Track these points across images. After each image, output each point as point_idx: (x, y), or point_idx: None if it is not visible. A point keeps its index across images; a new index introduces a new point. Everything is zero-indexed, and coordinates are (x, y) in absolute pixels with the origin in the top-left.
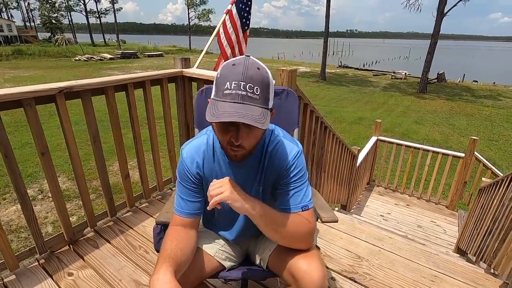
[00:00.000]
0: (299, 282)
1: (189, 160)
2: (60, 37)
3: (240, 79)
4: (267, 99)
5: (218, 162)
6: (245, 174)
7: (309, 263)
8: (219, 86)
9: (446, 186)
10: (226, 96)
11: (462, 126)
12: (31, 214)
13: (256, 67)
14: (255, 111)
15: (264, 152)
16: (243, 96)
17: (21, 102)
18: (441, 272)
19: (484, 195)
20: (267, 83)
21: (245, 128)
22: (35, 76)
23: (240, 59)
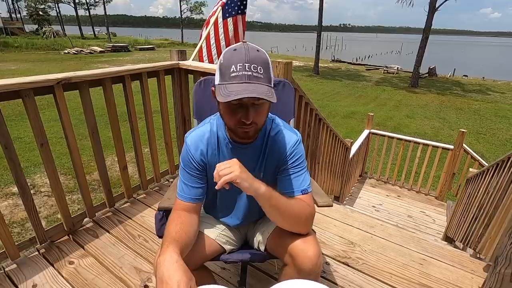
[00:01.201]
0: (295, 260)
1: (193, 147)
2: (48, 29)
3: (245, 61)
4: (270, 79)
5: (222, 149)
6: (248, 160)
7: (305, 242)
8: (224, 71)
9: (435, 177)
10: (233, 78)
11: (452, 120)
12: (31, 204)
13: (256, 49)
14: (263, 88)
15: (265, 140)
16: (249, 76)
17: (19, 93)
18: (429, 256)
19: (471, 185)
20: (268, 64)
21: (253, 107)
22: (22, 70)
23: (239, 44)
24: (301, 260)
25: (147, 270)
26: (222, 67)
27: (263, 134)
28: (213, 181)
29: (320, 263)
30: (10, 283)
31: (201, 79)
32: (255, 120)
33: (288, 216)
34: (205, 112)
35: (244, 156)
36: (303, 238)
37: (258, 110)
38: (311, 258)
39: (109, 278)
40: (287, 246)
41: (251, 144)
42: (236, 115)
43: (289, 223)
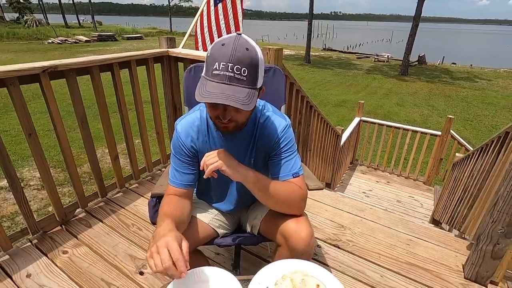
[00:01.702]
0: (288, 240)
1: (184, 134)
2: (29, 18)
3: (228, 61)
4: (255, 79)
5: (212, 136)
6: (238, 146)
7: (297, 223)
8: (208, 66)
9: (423, 163)
10: (214, 77)
11: (440, 107)
12: (21, 195)
13: (245, 47)
14: (241, 93)
15: (255, 126)
16: (230, 78)
17: (4, 81)
18: (416, 236)
19: (457, 169)
20: (256, 64)
21: (232, 108)
22: (5, 60)
23: (230, 38)
24: (294, 240)
25: (142, 257)
26: (208, 60)
27: (253, 121)
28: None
29: (313, 243)
30: (3, 274)
31: (191, 65)
32: (234, 118)
33: (278, 199)
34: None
35: (234, 143)
36: (296, 219)
37: (237, 112)
38: (304, 239)
39: (103, 265)
40: (281, 227)
41: (240, 132)
42: (215, 110)
43: (280, 205)
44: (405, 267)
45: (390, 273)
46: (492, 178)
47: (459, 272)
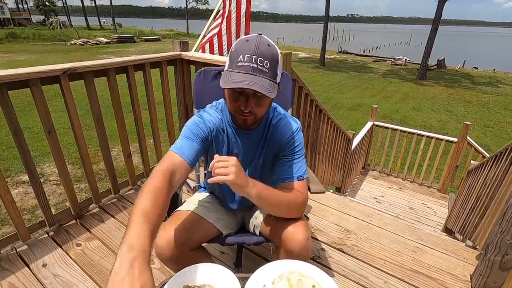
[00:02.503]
0: (285, 243)
1: (205, 118)
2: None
3: (252, 53)
4: (275, 74)
5: (228, 131)
6: (250, 144)
7: (295, 226)
8: (233, 59)
9: (438, 170)
10: (239, 68)
11: (459, 113)
12: (40, 189)
13: (267, 44)
14: (264, 82)
15: (267, 126)
16: (254, 68)
17: (28, 82)
18: (423, 244)
19: (471, 177)
20: (276, 59)
21: (253, 98)
22: (30, 61)
23: (253, 36)
24: (290, 243)
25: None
26: (232, 54)
27: (265, 122)
28: None
29: (309, 246)
30: (21, 262)
31: (201, 69)
32: (254, 110)
33: (280, 207)
34: (204, 101)
35: (246, 142)
36: (294, 222)
37: (259, 102)
38: (300, 242)
39: (113, 259)
40: (279, 230)
41: (253, 130)
42: (237, 102)
43: (280, 212)
44: (410, 274)
45: (394, 280)
46: (503, 187)
47: (466, 282)
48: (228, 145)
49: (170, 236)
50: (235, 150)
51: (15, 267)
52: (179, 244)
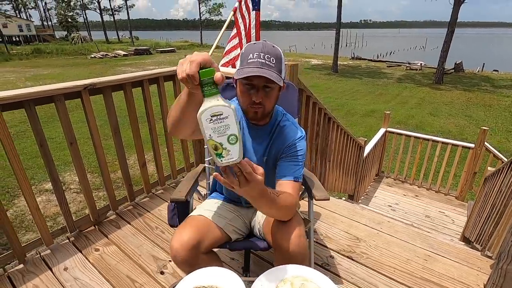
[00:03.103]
0: (279, 243)
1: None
2: (76, 35)
3: (260, 51)
4: (280, 70)
5: (242, 124)
6: (258, 139)
7: (286, 225)
8: (243, 58)
9: (456, 177)
10: (249, 64)
11: (479, 118)
12: (62, 197)
13: (272, 45)
14: (272, 73)
15: (275, 126)
16: (262, 63)
17: (52, 98)
18: (434, 252)
19: (488, 184)
20: (280, 58)
21: (263, 90)
22: (53, 74)
23: (259, 41)
24: (284, 242)
25: (163, 258)
26: (242, 55)
27: (273, 122)
28: None
29: (303, 244)
30: (45, 266)
31: None
32: (264, 101)
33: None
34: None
35: (256, 136)
36: (288, 225)
37: (268, 93)
38: (292, 240)
39: (129, 264)
40: (274, 231)
41: (262, 126)
42: (248, 95)
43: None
44: (420, 283)
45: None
46: None
47: None
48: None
49: (183, 239)
50: (245, 141)
51: (40, 270)
52: (192, 247)
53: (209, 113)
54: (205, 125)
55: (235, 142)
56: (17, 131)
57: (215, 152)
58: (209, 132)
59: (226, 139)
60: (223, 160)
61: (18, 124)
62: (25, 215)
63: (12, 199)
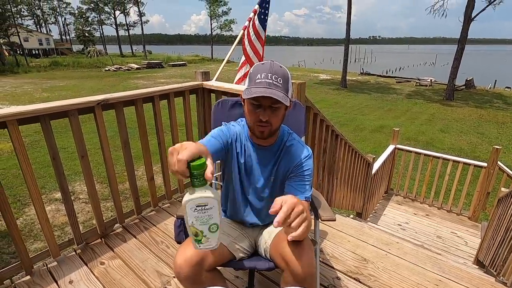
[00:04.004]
0: (289, 264)
1: (229, 125)
2: (92, 49)
3: (268, 72)
4: (287, 89)
5: (247, 146)
6: (265, 159)
7: (298, 247)
8: (252, 78)
9: (468, 196)
10: (257, 84)
11: (492, 135)
12: (71, 208)
13: (279, 66)
14: (279, 93)
15: (281, 147)
16: (269, 83)
17: (67, 112)
18: (446, 277)
19: (502, 205)
20: (287, 77)
21: (269, 109)
22: (69, 86)
23: (267, 61)
24: (294, 264)
25: (167, 274)
26: (251, 75)
27: (280, 142)
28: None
29: (313, 266)
30: (51, 278)
31: (220, 100)
32: (270, 120)
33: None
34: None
35: (262, 157)
36: (297, 244)
37: (274, 113)
38: (303, 262)
39: (133, 279)
40: (283, 252)
41: (269, 147)
42: (255, 114)
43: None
44: None
45: None
46: None
47: None
48: (245, 155)
49: (187, 256)
50: (251, 162)
51: (46, 282)
52: (196, 264)
53: (195, 203)
54: (189, 213)
55: (215, 231)
56: (31, 141)
57: (195, 238)
58: (192, 219)
59: (207, 228)
60: (201, 246)
61: (33, 134)
62: (34, 224)
63: (23, 207)
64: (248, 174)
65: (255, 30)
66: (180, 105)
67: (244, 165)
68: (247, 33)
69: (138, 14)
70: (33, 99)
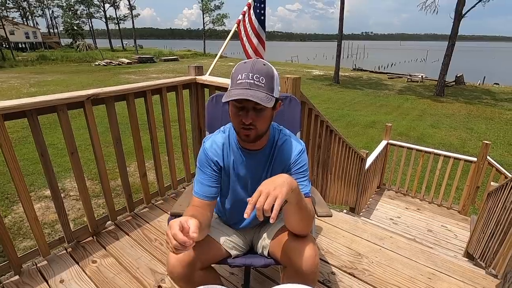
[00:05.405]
0: (293, 261)
1: (211, 150)
2: (81, 43)
3: (249, 71)
4: (271, 88)
5: (235, 155)
6: (257, 164)
7: (302, 243)
8: (233, 78)
9: (458, 190)
10: (238, 85)
11: (480, 130)
12: (61, 206)
13: (263, 63)
14: (261, 94)
15: (274, 147)
16: (251, 84)
17: (55, 107)
18: (439, 270)
19: (491, 199)
20: (271, 75)
21: (253, 111)
22: (57, 81)
23: (250, 59)
24: (299, 260)
25: (161, 272)
26: (232, 75)
27: (271, 143)
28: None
29: (317, 263)
30: (41, 278)
31: (213, 95)
32: (254, 122)
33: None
34: (216, 125)
35: (253, 162)
36: (302, 240)
37: (258, 114)
38: (308, 258)
39: (126, 277)
40: (286, 248)
41: (260, 151)
42: (239, 116)
43: (301, 223)
44: None
45: None
46: None
47: None
48: (233, 166)
49: (180, 255)
50: (242, 171)
51: (35, 282)
52: (189, 263)
53: None
54: None
55: None
56: (18, 137)
57: None
58: None
59: None
60: None
61: (20, 130)
62: (23, 222)
63: (11, 205)
64: (242, 181)
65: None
66: (173, 100)
67: (237, 175)
68: (243, 29)
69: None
70: (20, 94)
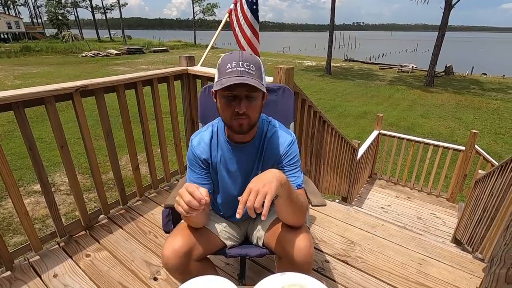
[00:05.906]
0: (288, 252)
1: (198, 148)
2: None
3: (239, 60)
4: (261, 77)
5: (223, 150)
6: (247, 158)
7: (296, 233)
8: (221, 69)
9: (447, 178)
10: (228, 74)
11: (468, 120)
12: (52, 200)
13: (249, 53)
14: (253, 81)
15: (263, 139)
16: (242, 71)
17: (43, 99)
18: (428, 256)
19: (479, 187)
20: (259, 65)
21: (245, 100)
22: (43, 73)
23: (235, 51)
24: (293, 251)
25: (156, 264)
26: (220, 67)
27: (260, 135)
28: (216, 179)
29: (312, 253)
30: (33, 273)
31: (206, 85)
32: (247, 111)
33: (296, 207)
34: (209, 116)
35: (243, 155)
36: (296, 230)
37: (251, 103)
38: (302, 249)
39: (121, 270)
40: (281, 239)
41: (249, 143)
42: (231, 106)
43: (294, 216)
44: (415, 287)
45: None
46: (509, 198)
47: None
48: (223, 162)
49: (175, 246)
50: (232, 166)
51: (28, 277)
52: (184, 254)
53: None
54: None
55: None
56: (5, 131)
57: None
58: None
59: None
60: None
61: (6, 124)
62: (13, 217)
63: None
64: (233, 176)
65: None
66: (164, 92)
67: (227, 170)
68: (236, 19)
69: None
70: (4, 87)
